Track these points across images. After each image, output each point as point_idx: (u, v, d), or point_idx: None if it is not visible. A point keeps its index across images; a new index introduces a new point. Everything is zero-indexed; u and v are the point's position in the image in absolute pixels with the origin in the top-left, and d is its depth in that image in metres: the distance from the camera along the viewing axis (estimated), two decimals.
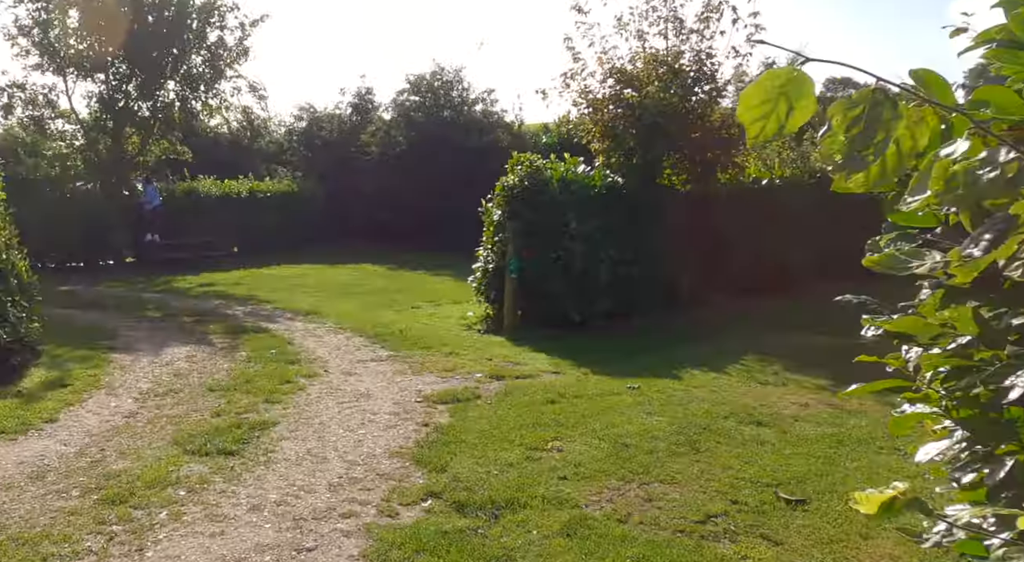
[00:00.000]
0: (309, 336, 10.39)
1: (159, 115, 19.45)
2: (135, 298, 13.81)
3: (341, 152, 24.23)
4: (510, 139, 22.57)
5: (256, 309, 12.71)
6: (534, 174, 10.85)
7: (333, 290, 15.20)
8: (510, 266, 10.60)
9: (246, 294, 14.46)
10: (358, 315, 12.09)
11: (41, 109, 19.19)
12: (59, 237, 17.80)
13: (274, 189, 22.38)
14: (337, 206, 23.57)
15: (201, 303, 13.33)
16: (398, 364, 8.70)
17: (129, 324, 11.19)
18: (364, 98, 25.11)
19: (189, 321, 11.48)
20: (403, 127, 22.83)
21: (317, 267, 19.16)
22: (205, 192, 20.66)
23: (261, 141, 26.28)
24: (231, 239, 21.26)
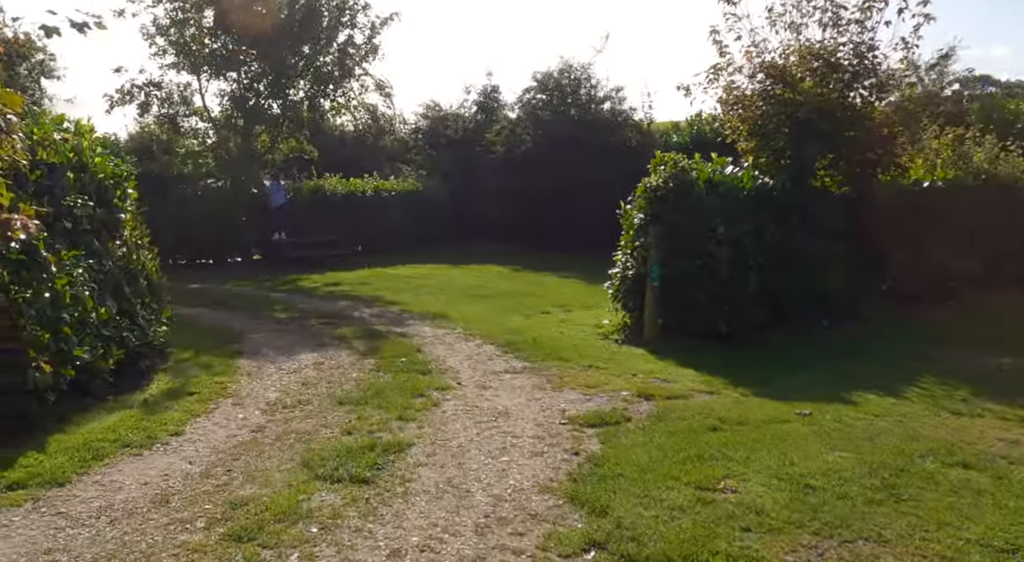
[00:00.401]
0: (438, 343, 9.87)
1: (288, 113, 19.56)
2: (262, 297, 13.72)
3: (465, 151, 23.91)
4: (639, 138, 21.66)
5: (383, 311, 12.34)
6: (679, 175, 9.97)
7: (459, 292, 14.73)
8: (651, 273, 9.76)
9: (372, 295, 14.17)
10: (487, 320, 11.53)
11: (176, 107, 19.62)
12: (190, 234, 18.10)
13: (398, 188, 22.24)
14: (461, 205, 23.25)
15: (327, 304, 13.09)
16: (535, 377, 8.02)
17: (255, 325, 10.99)
18: (490, 97, 24.71)
19: (316, 323, 11.19)
20: (529, 126, 22.26)
21: (441, 267, 18.80)
22: (331, 190, 20.69)
23: (386, 140, 26.31)
24: (355, 238, 21.22)
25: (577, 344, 9.77)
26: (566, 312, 12.65)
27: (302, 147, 20.55)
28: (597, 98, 22.19)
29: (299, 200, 19.94)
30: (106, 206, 7.62)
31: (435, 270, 18.29)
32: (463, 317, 11.71)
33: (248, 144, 19.50)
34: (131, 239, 8.34)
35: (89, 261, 6.79)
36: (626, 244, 10.59)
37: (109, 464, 5.17)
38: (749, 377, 8.11)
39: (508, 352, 9.31)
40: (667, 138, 21.00)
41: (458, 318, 11.65)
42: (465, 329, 10.78)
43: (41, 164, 6.29)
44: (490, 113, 24.62)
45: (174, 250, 18.36)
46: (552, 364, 8.61)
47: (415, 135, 25.81)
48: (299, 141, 20.50)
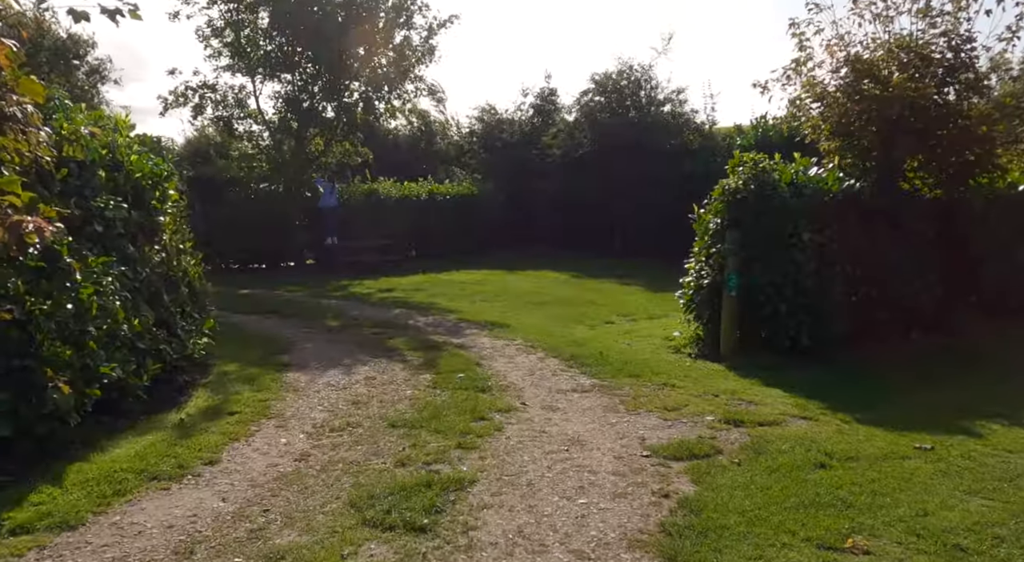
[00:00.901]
0: (498, 355, 9.09)
1: (343, 116, 19.01)
2: (313, 304, 13.11)
3: (521, 154, 23.16)
4: (700, 141, 20.65)
5: (438, 320, 11.61)
6: (760, 176, 9.02)
7: (516, 299, 13.95)
8: (728, 281, 8.84)
9: (426, 302, 13.47)
10: (548, 330, 10.72)
11: (231, 109, 19.22)
12: (243, 238, 17.66)
13: (453, 191, 21.57)
14: (516, 209, 22.52)
15: (381, 311, 12.42)
16: (606, 397, 7.18)
17: (306, 334, 10.34)
18: (547, 99, 23.94)
19: (369, 333, 10.50)
20: (587, 128, 21.41)
21: (496, 273, 18.06)
22: (384, 194, 20.10)
23: (440, 143, 25.70)
24: (409, 242, 20.61)
25: (648, 358, 8.89)
26: (631, 322, 11.77)
27: (356, 150, 20.00)
28: (657, 100, 21.24)
29: (352, 204, 19.39)
30: (143, 208, 7.01)
31: (490, 276, 17.55)
32: (523, 327, 10.94)
33: (302, 147, 19.01)
34: (171, 244, 7.73)
35: (122, 268, 6.15)
36: (700, 250, 9.66)
37: (132, 501, 4.47)
38: (846, 400, 7.15)
39: (573, 367, 8.49)
40: (730, 141, 19.94)
41: (518, 328, 10.87)
42: (525, 340, 9.99)
43: (69, 162, 5.67)
44: (546, 116, 23.84)
45: (227, 254, 17.96)
46: (623, 382, 7.76)
47: (470, 138, 25.16)
48: (353, 144, 19.96)
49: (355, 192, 19.52)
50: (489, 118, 24.43)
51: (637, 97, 21.12)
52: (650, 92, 21.21)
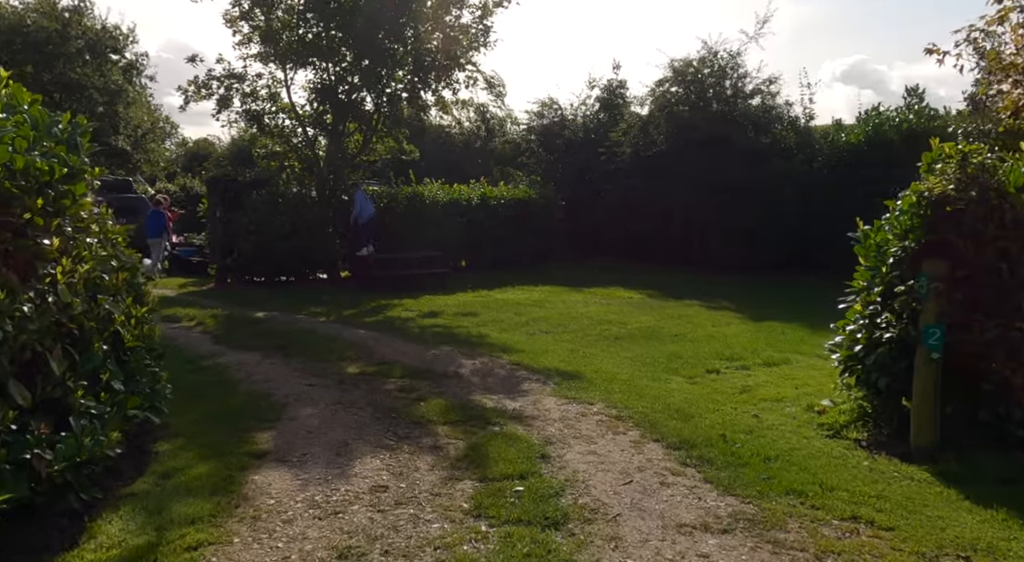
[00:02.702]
0: (572, 437, 6.02)
1: (384, 108, 16.13)
2: (334, 336, 10.17)
3: (586, 153, 20.05)
4: (795, 138, 17.26)
5: (488, 365, 8.57)
6: (980, 178, 5.72)
7: (585, 330, 10.86)
8: (927, 336, 5.60)
9: (475, 334, 10.46)
10: (634, 383, 7.65)
11: (262, 103, 16.50)
12: (266, 247, 14.92)
13: (508, 195, 18.52)
14: (580, 215, 19.42)
15: (417, 349, 9.41)
16: (766, 552, 4.06)
17: (309, 390, 7.39)
18: (615, 92, 20.76)
19: (394, 387, 7.50)
20: (663, 124, 18.15)
21: (557, 290, 14.98)
22: (431, 198, 17.16)
23: (495, 142, 22.72)
24: (458, 253, 17.66)
25: (799, 451, 5.72)
26: (744, 370, 8.58)
27: (400, 147, 17.12)
28: (745, 91, 17.87)
29: (394, 208, 16.51)
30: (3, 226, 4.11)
31: (551, 295, 14.47)
32: (600, 378, 7.87)
33: (338, 143, 16.18)
34: (80, 278, 4.82)
35: None
36: (870, 285, 6.42)
37: None
38: None
39: (689, 465, 5.40)
40: (833, 138, 16.56)
41: (593, 379, 7.82)
42: (607, 404, 6.94)
43: None
44: (614, 111, 20.67)
45: (251, 266, 15.25)
46: (781, 508, 4.63)
47: (528, 136, 22.07)
48: (397, 141, 17.07)
49: (397, 195, 16.63)
50: (550, 113, 21.34)
51: (722, 87, 17.79)
52: (737, 81, 17.86)
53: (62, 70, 23.98)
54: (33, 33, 22.96)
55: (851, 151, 15.76)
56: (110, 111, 25.14)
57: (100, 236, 5.53)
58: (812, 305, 13.26)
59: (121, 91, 25.36)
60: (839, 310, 6.89)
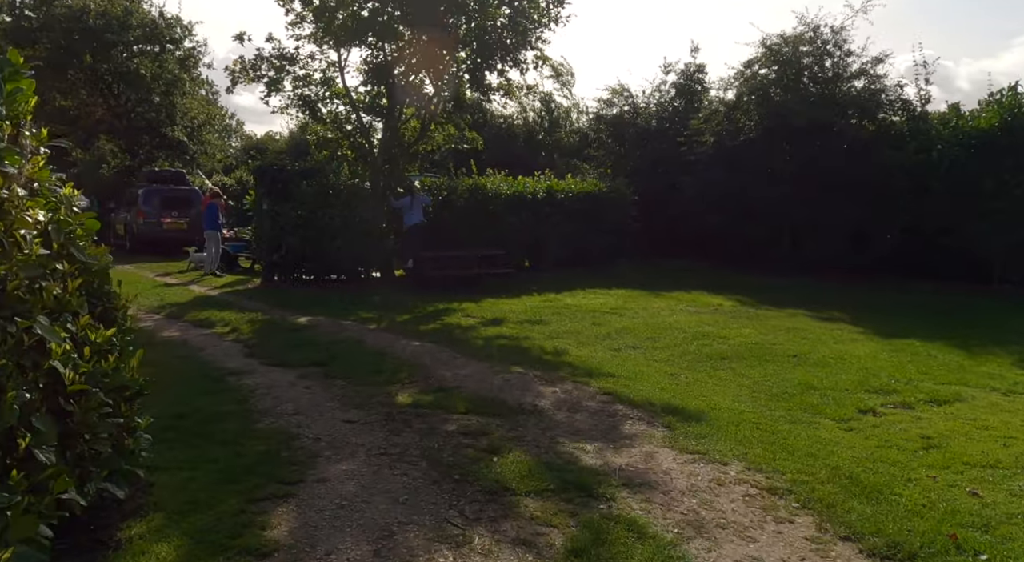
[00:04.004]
0: (714, 523, 4.03)
1: (445, 92, 14.23)
2: (385, 350, 8.28)
3: (660, 144, 17.92)
4: (909, 124, 14.83)
5: (573, 395, 6.58)
6: None
7: (680, 346, 8.80)
8: None
9: (550, 348, 8.49)
10: (772, 430, 5.61)
11: (316, 87, 14.75)
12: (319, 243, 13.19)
13: (577, 189, 16.48)
14: (653, 211, 17.27)
15: (482, 370, 7.47)
16: None
17: (346, 432, 5.48)
18: (693, 77, 18.53)
19: (457, 428, 5.56)
20: (752, 109, 15.88)
21: (635, 295, 12.94)
22: (493, 190, 15.24)
23: (561, 132, 20.68)
24: (522, 250, 15.72)
25: None
26: (907, 410, 6.42)
27: (461, 134, 15.21)
28: (849, 72, 15.46)
29: (454, 202, 14.64)
30: None
31: (629, 300, 12.43)
32: (722, 418, 5.85)
33: (394, 130, 14.34)
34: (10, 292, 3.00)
35: None
36: None
37: None
38: None
39: None
40: (955, 124, 14.06)
41: (715, 420, 5.80)
42: (747, 462, 4.94)
43: None
44: (692, 98, 18.45)
45: (297, 263, 13.53)
46: None
47: (596, 125, 19.94)
48: (457, 127, 15.17)
49: (457, 187, 14.74)
50: (620, 101, 19.20)
51: (821, 68, 15.42)
52: (839, 61, 15.46)
53: (119, 59, 22.77)
54: (91, 21, 21.71)
55: (980, 138, 13.27)
56: (166, 101, 23.89)
57: (50, 226, 3.71)
58: (948, 318, 10.99)
59: (178, 81, 24.06)
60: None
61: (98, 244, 4.20)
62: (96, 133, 24.74)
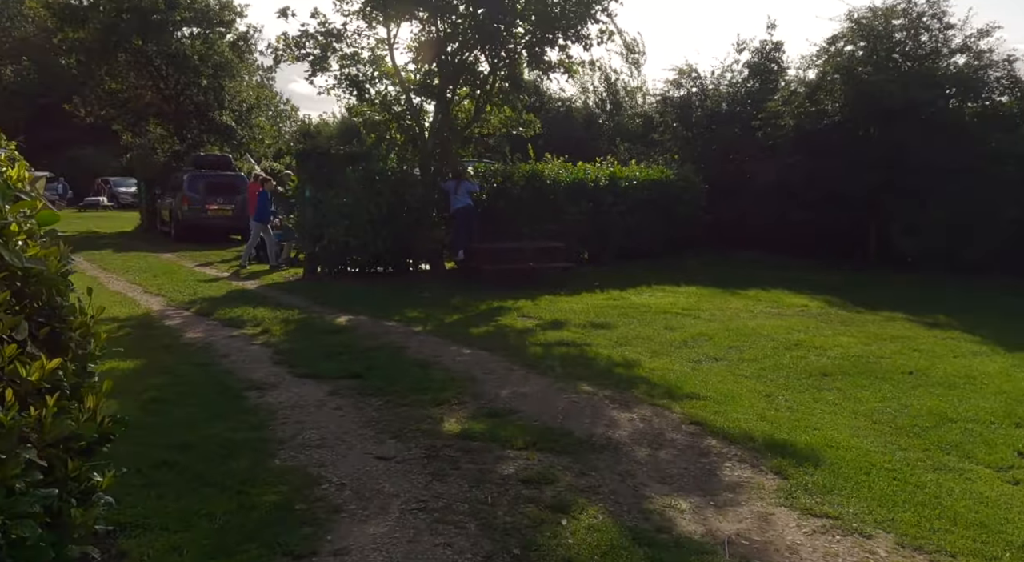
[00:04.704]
0: None
1: (501, 70, 13.06)
2: (428, 360, 7.18)
3: (732, 128, 16.46)
4: (1019, 104, 13.15)
5: (654, 425, 5.39)
6: None
7: (770, 355, 7.55)
8: None
9: (619, 360, 7.32)
10: (917, 483, 4.39)
11: (364, 67, 13.74)
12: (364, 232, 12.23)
13: (642, 176, 15.18)
14: (723, 201, 15.89)
15: (542, 386, 6.33)
16: None
17: (378, 475, 4.39)
18: (768, 56, 16.99)
19: (513, 474, 4.45)
20: (837, 89, 14.34)
21: (709, 293, 11.65)
22: (552, 177, 14.06)
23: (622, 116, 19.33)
24: (581, 242, 14.53)
25: None
26: None
27: (519, 116, 14.04)
28: (948, 48, 13.79)
29: (509, 190, 13.51)
30: None
31: (702, 299, 11.15)
32: (846, 463, 4.69)
33: (446, 111, 13.23)
34: None
35: None
36: None
37: None
38: None
39: None
40: None
41: (837, 466, 4.63)
42: (898, 536, 3.75)
43: None
44: (767, 78, 16.93)
45: (340, 254, 12.59)
46: None
47: (663, 108, 18.53)
48: (514, 108, 14.00)
49: (513, 174, 13.60)
50: (688, 82, 17.76)
51: (916, 43, 13.80)
52: (937, 35, 13.82)
53: (168, 41, 22.17)
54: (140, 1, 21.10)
55: None
56: (215, 84, 23.25)
57: None
58: None
59: (227, 64, 23.39)
60: None
61: None
62: (145, 117, 24.28)
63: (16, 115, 40.21)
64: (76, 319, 3.24)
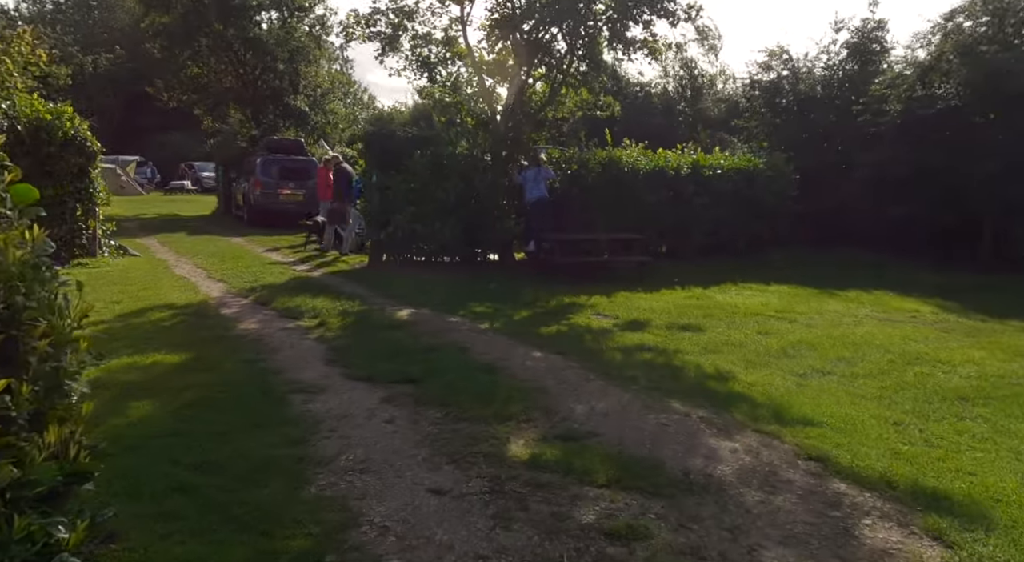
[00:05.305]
0: None
1: (580, 49, 12.06)
2: (493, 365, 6.29)
3: (827, 114, 15.05)
4: None
5: (764, 460, 4.39)
6: None
7: (888, 371, 6.45)
8: None
9: (712, 372, 6.31)
10: None
11: (436, 47, 12.94)
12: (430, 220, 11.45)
13: (727, 164, 13.96)
14: (815, 192, 14.51)
15: (624, 405, 5.37)
16: None
17: (429, 514, 3.54)
18: (869, 36, 15.46)
19: (594, 522, 3.53)
20: (955, 70, 12.80)
21: (802, 293, 10.48)
22: (630, 164, 12.99)
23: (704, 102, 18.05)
24: (659, 234, 13.43)
25: None
26: None
27: (597, 98, 13.00)
28: None
29: (584, 177, 12.52)
30: None
31: (794, 299, 10.00)
32: (1020, 518, 3.55)
33: (519, 93, 12.31)
34: None
35: None
36: None
37: None
38: None
39: None
40: None
41: (1007, 525, 3.54)
42: None
43: None
44: (868, 60, 15.40)
45: (406, 242, 11.85)
46: None
47: (750, 92, 17.16)
48: (592, 91, 12.96)
49: (588, 161, 12.60)
50: (780, 65, 16.35)
51: None
52: None
53: (246, 26, 21.91)
54: None
55: None
56: (291, 69, 22.92)
57: None
58: None
59: (303, 48, 23.03)
60: None
61: None
62: (224, 101, 24.16)
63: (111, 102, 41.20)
64: (43, 325, 2.46)
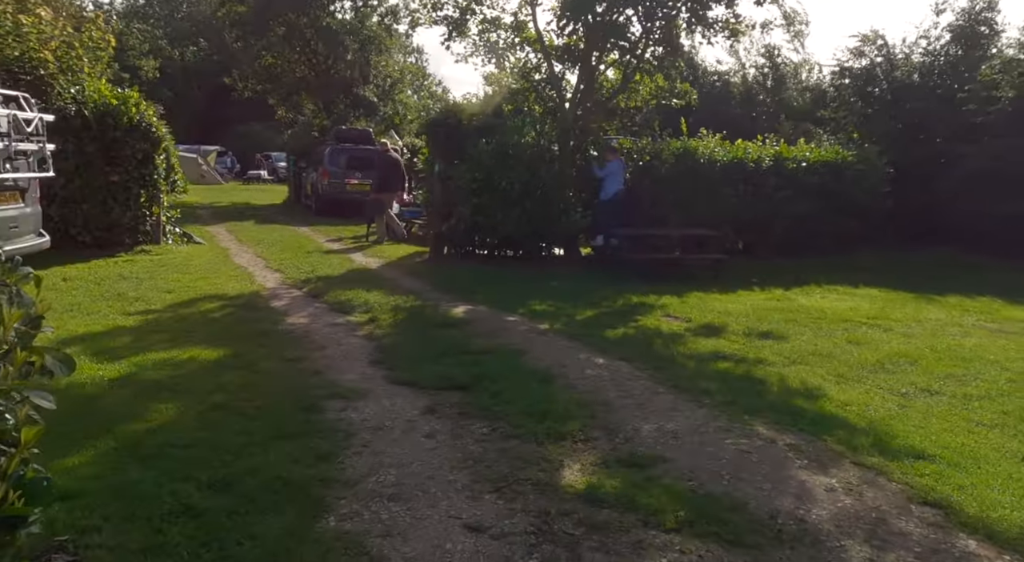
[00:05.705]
0: None
1: (657, 32, 11.25)
2: (550, 372, 5.64)
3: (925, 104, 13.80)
4: None
5: (866, 497, 3.62)
6: None
7: (1009, 393, 5.55)
8: None
9: (797, 387, 5.52)
10: None
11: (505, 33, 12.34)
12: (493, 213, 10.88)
13: (813, 157, 12.91)
14: (909, 188, 13.31)
15: (696, 424, 4.64)
16: None
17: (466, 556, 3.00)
18: (977, 17, 14.11)
19: None
20: None
21: (895, 297, 9.51)
22: (707, 156, 12.12)
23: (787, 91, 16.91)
24: (737, 230, 12.52)
25: None
26: None
27: (671, 88, 12.17)
28: None
29: (657, 168, 11.72)
30: None
31: (888, 305, 9.03)
32: None
33: (590, 80, 11.58)
34: None
35: None
36: None
37: None
38: None
39: None
40: None
41: None
42: None
43: None
44: (974, 44, 14.05)
45: (468, 235, 11.32)
46: None
47: (839, 80, 15.93)
48: (668, 77, 12.13)
49: (662, 152, 11.78)
50: (873, 51, 15.10)
51: None
52: None
53: (319, 15, 21.80)
54: None
55: None
56: (362, 59, 22.72)
57: None
58: None
59: (374, 38, 22.78)
60: None
61: None
62: (297, 91, 24.18)
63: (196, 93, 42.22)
64: None
